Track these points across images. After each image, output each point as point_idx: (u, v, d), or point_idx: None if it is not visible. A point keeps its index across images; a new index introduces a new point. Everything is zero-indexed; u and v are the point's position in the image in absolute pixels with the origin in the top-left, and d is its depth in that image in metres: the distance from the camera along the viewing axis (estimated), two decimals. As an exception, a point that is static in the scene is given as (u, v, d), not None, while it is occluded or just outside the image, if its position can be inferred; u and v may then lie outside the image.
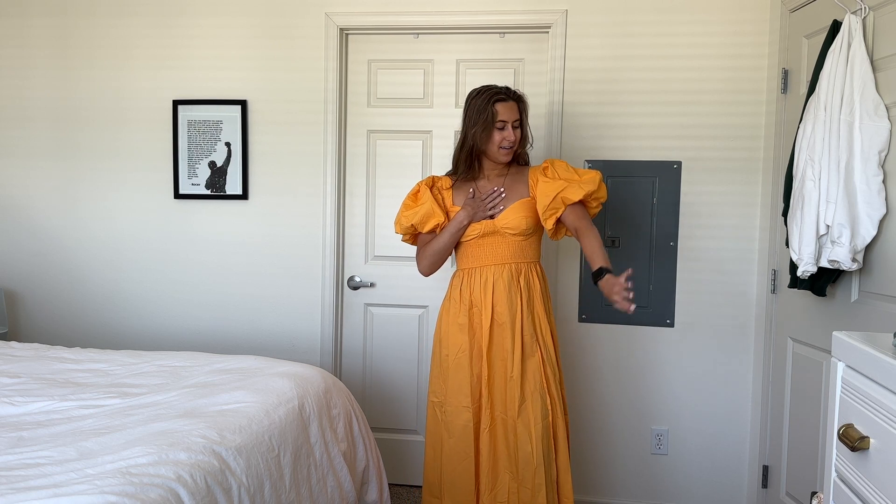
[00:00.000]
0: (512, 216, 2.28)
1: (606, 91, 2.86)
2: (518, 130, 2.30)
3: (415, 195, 2.38)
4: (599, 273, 2.13)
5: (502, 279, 2.27)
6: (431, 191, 2.36)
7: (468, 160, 2.33)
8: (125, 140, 3.15)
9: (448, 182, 2.40)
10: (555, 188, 2.24)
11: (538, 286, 2.31)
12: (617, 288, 2.06)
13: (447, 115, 3.00)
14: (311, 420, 2.06)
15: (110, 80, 3.14)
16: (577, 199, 2.23)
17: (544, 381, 2.25)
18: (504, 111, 2.26)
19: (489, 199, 2.32)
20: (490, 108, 2.26)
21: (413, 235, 2.44)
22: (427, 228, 2.33)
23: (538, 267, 2.35)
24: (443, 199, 2.37)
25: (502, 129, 2.27)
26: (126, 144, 3.15)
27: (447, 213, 2.35)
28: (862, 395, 1.12)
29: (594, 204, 2.31)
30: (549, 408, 2.24)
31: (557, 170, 2.30)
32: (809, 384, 2.42)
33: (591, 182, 2.25)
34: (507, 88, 2.31)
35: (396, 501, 2.93)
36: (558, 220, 2.29)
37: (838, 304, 2.25)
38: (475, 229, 2.29)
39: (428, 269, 2.41)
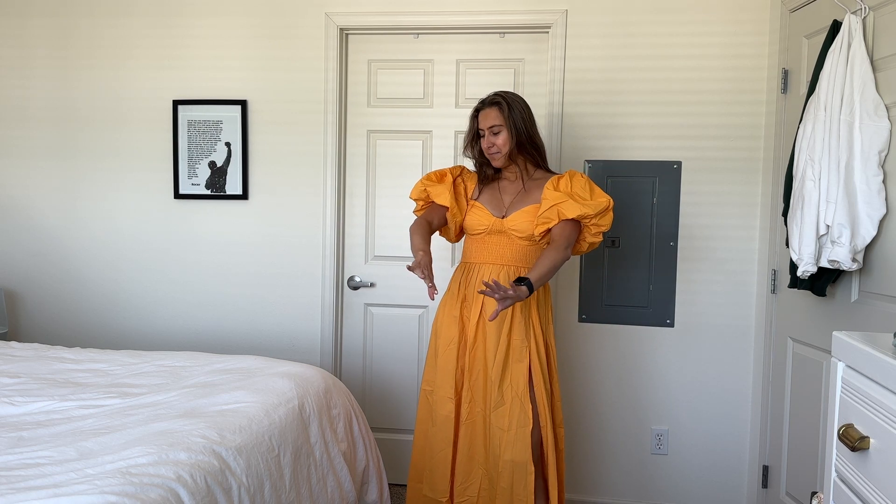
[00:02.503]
0: (521, 219, 2.27)
1: (606, 91, 2.86)
2: (500, 135, 2.28)
3: (441, 175, 2.41)
4: (520, 280, 2.05)
5: (499, 280, 2.26)
6: (456, 179, 2.41)
7: (479, 167, 2.41)
8: (125, 140, 3.15)
9: (474, 177, 2.44)
10: (555, 198, 2.21)
11: (536, 294, 2.28)
12: (504, 297, 1.97)
13: (447, 115, 3.00)
14: (311, 420, 2.06)
15: (110, 80, 3.14)
16: (571, 216, 2.17)
17: (529, 388, 2.21)
18: (481, 120, 2.32)
19: (420, 272, 2.13)
20: (472, 119, 2.36)
21: (423, 207, 2.44)
22: (438, 201, 2.35)
23: None
24: (465, 188, 2.41)
25: (483, 136, 2.32)
26: (126, 144, 3.15)
27: (467, 201, 2.38)
28: (862, 395, 1.12)
29: (594, 230, 2.24)
30: (532, 417, 2.19)
31: (573, 183, 2.25)
32: (809, 384, 2.42)
33: (595, 206, 2.18)
34: (488, 96, 2.33)
35: (396, 501, 2.93)
36: (548, 231, 2.25)
37: (838, 304, 2.25)
38: (483, 225, 2.31)
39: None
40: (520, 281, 2.05)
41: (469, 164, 2.51)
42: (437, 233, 2.43)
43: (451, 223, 2.37)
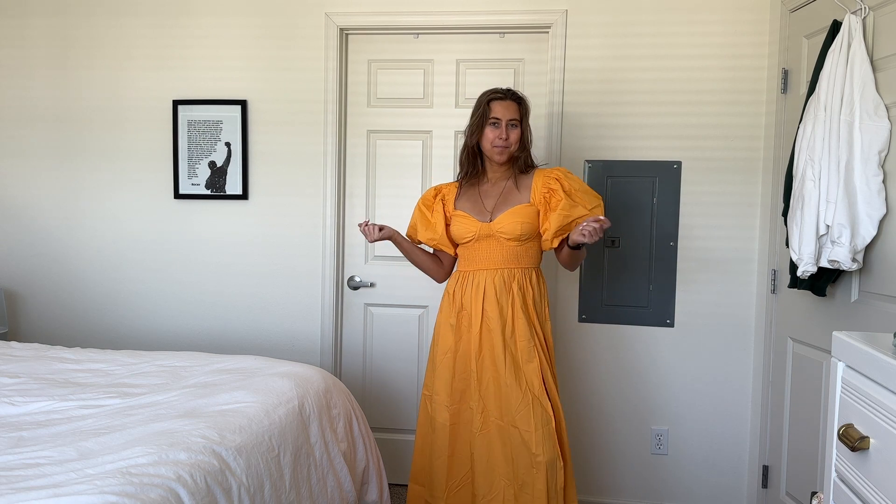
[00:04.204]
0: (507, 221, 2.25)
1: (606, 91, 2.86)
2: (515, 130, 2.28)
3: (421, 206, 2.45)
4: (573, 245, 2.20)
5: (493, 284, 2.26)
6: (434, 206, 2.40)
7: (470, 160, 2.35)
8: (125, 140, 3.15)
9: (453, 188, 2.42)
10: (576, 213, 2.23)
11: (532, 293, 2.28)
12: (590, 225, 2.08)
13: (447, 115, 3.00)
14: (311, 420, 2.06)
15: (110, 80, 3.14)
16: None
17: (544, 386, 2.22)
18: (499, 109, 2.27)
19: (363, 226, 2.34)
20: (485, 105, 2.29)
21: (433, 246, 2.49)
22: (418, 238, 2.46)
23: (535, 273, 2.32)
24: (444, 205, 2.39)
25: (496, 126, 2.27)
26: (126, 144, 3.15)
27: (446, 216, 2.38)
28: (862, 395, 1.12)
29: None
30: (552, 414, 2.20)
31: (575, 193, 2.26)
32: (809, 384, 2.42)
33: (601, 214, 2.25)
34: (508, 89, 2.32)
35: (396, 501, 2.93)
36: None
37: (838, 304, 2.25)
38: (471, 231, 2.29)
39: (431, 277, 2.54)
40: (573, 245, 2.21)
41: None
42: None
43: (441, 248, 2.42)
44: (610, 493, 2.95)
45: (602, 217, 2.10)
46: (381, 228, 2.33)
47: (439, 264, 2.50)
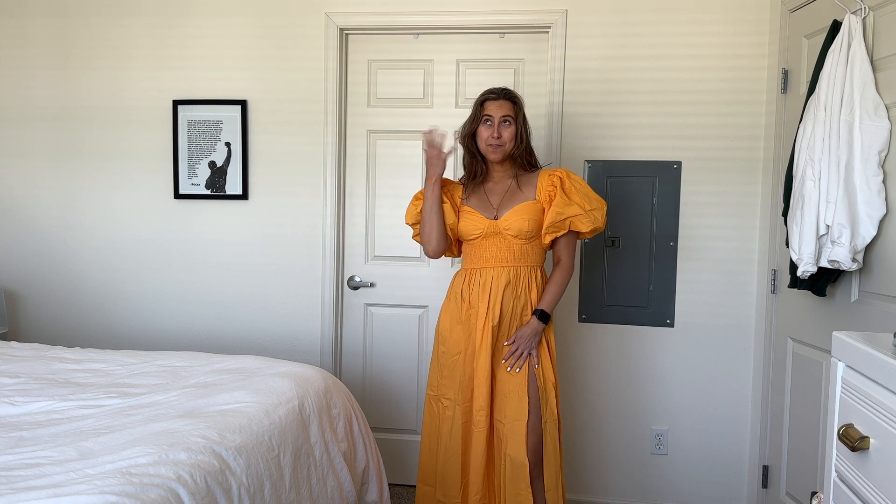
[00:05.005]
0: (514, 218, 2.26)
1: (606, 91, 2.86)
2: (509, 128, 2.28)
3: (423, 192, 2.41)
4: (535, 312, 2.27)
5: (499, 282, 2.27)
6: (443, 195, 2.38)
7: (471, 162, 2.36)
8: (125, 140, 3.15)
9: (457, 185, 2.42)
10: (570, 211, 2.24)
11: (535, 291, 2.29)
12: (523, 340, 2.25)
13: (447, 115, 2.99)
14: (311, 420, 2.06)
15: (110, 80, 3.14)
16: (584, 230, 2.27)
17: (535, 384, 2.23)
18: (492, 107, 2.29)
19: (430, 142, 2.31)
20: (478, 105, 2.32)
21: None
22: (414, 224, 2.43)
23: (539, 271, 2.34)
24: (452, 196, 2.38)
25: (489, 125, 2.28)
26: (126, 144, 3.15)
27: (456, 209, 2.36)
28: (862, 395, 1.12)
29: (590, 235, 2.33)
30: (538, 413, 2.23)
31: (574, 193, 2.26)
32: (809, 384, 2.42)
33: (601, 216, 2.27)
34: (502, 89, 2.33)
35: (396, 501, 2.93)
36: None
37: (838, 304, 2.25)
38: (478, 229, 2.30)
39: (427, 244, 2.36)
40: (534, 312, 2.27)
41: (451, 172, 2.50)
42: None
43: (451, 236, 2.38)
44: (610, 493, 2.95)
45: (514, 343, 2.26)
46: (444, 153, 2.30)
47: (446, 238, 2.36)
